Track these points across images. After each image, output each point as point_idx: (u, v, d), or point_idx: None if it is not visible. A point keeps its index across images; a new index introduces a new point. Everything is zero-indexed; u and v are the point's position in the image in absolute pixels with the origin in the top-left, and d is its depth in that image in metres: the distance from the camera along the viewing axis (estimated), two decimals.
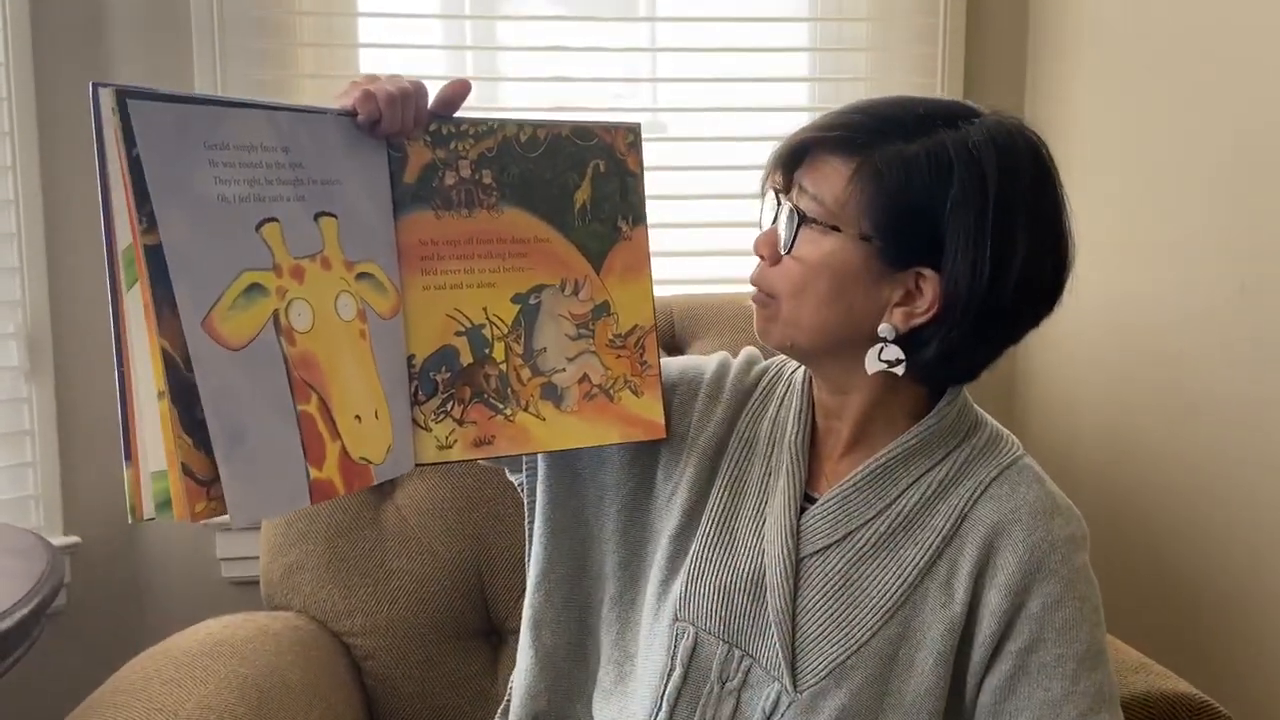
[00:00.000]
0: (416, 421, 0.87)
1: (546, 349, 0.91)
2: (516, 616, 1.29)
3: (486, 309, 0.89)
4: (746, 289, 0.91)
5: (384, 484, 1.32)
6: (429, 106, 0.86)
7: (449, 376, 0.88)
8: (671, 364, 1.01)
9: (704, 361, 1.01)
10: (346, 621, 1.32)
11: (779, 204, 0.87)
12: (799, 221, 0.84)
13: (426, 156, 0.87)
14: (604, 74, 1.76)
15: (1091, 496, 1.61)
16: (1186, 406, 1.45)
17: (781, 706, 0.85)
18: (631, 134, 0.93)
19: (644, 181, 0.94)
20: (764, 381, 0.98)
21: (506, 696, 1.05)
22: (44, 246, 1.58)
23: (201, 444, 0.71)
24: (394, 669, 1.32)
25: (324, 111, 0.82)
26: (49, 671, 1.52)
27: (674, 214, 1.76)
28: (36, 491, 1.60)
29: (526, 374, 0.90)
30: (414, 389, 0.87)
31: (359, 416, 0.81)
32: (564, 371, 0.92)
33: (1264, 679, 1.33)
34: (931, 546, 0.86)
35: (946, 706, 0.85)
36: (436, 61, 1.77)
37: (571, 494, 0.99)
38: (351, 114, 0.82)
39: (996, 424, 0.93)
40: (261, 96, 1.57)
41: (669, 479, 0.96)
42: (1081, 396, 1.69)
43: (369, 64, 1.73)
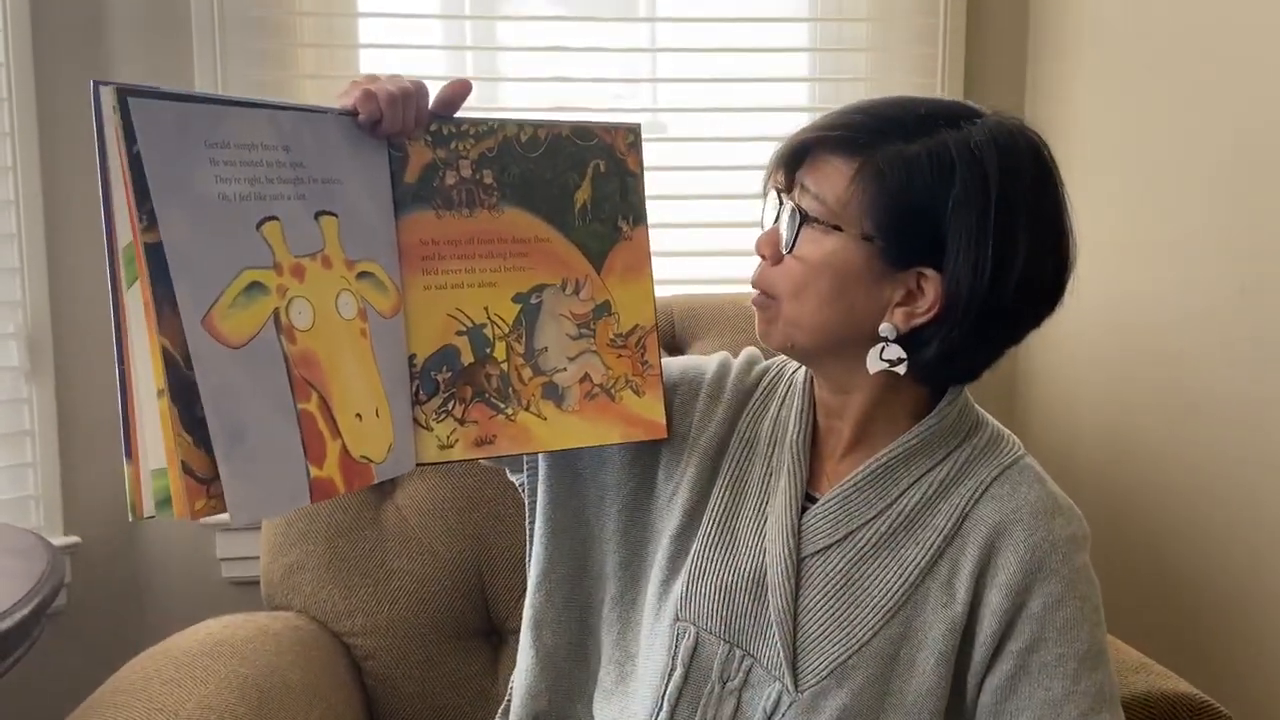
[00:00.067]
0: (418, 421, 0.87)
1: (548, 348, 0.91)
2: (517, 617, 1.29)
3: (487, 308, 0.89)
4: (747, 289, 0.91)
5: (384, 484, 1.32)
6: (429, 106, 0.86)
7: (450, 376, 0.88)
8: (672, 364, 1.01)
9: (705, 361, 1.01)
10: (347, 621, 1.32)
11: (781, 203, 0.87)
12: (801, 221, 0.84)
13: (427, 156, 0.87)
14: (604, 74, 1.76)
15: (1091, 496, 1.61)
16: (1186, 406, 1.45)
17: (782, 706, 0.85)
18: (631, 134, 0.93)
19: (644, 181, 0.94)
20: (765, 381, 0.98)
21: (507, 697, 1.05)
22: (44, 247, 1.58)
23: (201, 442, 0.71)
24: (394, 669, 1.32)
25: (325, 111, 0.82)
26: (49, 671, 1.52)
27: (674, 214, 1.76)
28: (36, 491, 1.60)
29: (528, 373, 0.90)
30: (415, 388, 0.87)
31: (360, 415, 0.81)
32: (565, 371, 0.92)
33: (1264, 679, 1.33)
34: (933, 546, 0.86)
35: (947, 706, 0.85)
36: (437, 62, 1.77)
37: (572, 494, 0.99)
38: (353, 114, 0.83)
39: (997, 424, 0.93)
40: (262, 96, 1.56)
41: (670, 479, 0.96)
42: (1082, 396, 1.69)
43: (369, 64, 1.73)
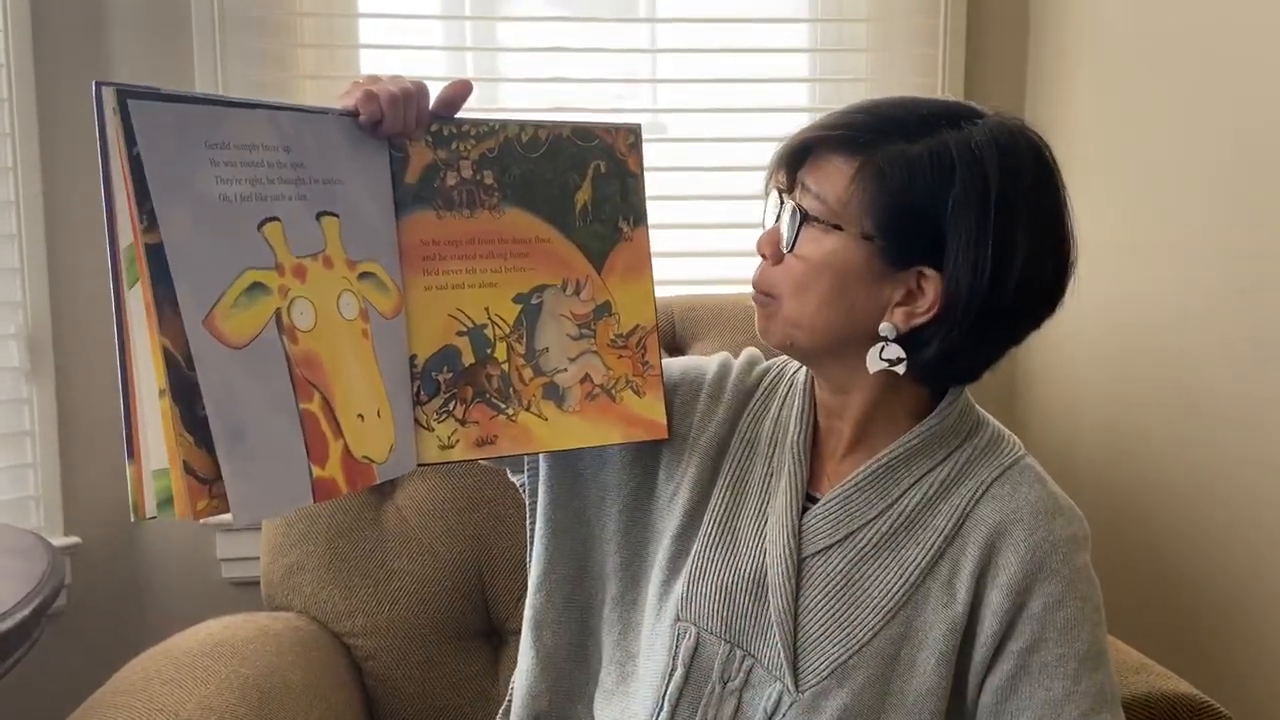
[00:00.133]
0: (419, 421, 0.87)
1: (548, 349, 0.91)
2: (517, 617, 1.29)
3: (488, 309, 0.89)
4: (748, 290, 0.91)
5: (385, 484, 1.32)
6: (430, 107, 0.87)
7: (451, 376, 0.88)
8: (673, 364, 1.01)
9: (705, 362, 1.01)
10: (347, 622, 1.32)
11: (782, 203, 0.87)
12: (801, 220, 0.84)
13: (428, 157, 0.87)
14: (604, 75, 1.76)
15: (1092, 496, 1.61)
16: (1186, 406, 1.45)
17: (783, 706, 0.85)
18: (632, 135, 0.93)
19: (644, 182, 0.94)
20: (765, 382, 0.98)
21: (507, 697, 1.05)
22: (44, 247, 1.58)
23: (203, 442, 0.71)
24: (395, 670, 1.32)
25: (326, 111, 0.82)
26: (49, 672, 1.52)
27: (675, 215, 1.76)
28: (37, 492, 1.60)
29: (528, 374, 0.90)
30: (416, 389, 0.87)
31: (361, 415, 0.81)
32: (566, 371, 0.92)
33: (1264, 679, 1.33)
34: (933, 546, 0.86)
35: (948, 706, 0.85)
36: (437, 62, 1.77)
37: (573, 494, 0.99)
38: (354, 114, 0.83)
39: (998, 424, 0.93)
40: (262, 97, 1.56)
41: (670, 479, 0.96)
42: (1082, 396, 1.69)
43: (369, 65, 1.73)
